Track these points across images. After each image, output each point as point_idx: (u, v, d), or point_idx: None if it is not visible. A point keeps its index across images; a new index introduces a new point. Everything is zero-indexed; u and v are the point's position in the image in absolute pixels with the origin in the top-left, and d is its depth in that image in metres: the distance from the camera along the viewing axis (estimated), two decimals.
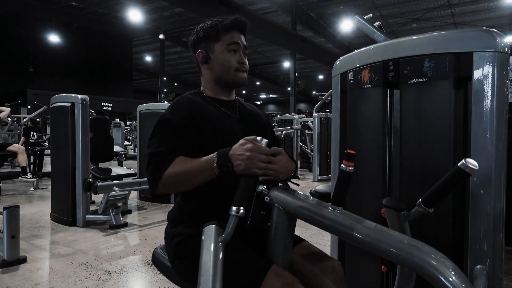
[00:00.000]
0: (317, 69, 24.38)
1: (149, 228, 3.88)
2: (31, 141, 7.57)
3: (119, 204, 4.02)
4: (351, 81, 1.72)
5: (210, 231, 1.06)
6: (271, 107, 38.11)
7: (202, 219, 1.20)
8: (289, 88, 17.46)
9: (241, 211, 1.01)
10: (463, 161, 0.93)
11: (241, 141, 1.08)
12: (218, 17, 1.34)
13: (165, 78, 20.73)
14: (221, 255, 1.03)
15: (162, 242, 1.36)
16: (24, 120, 10.25)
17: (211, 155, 1.11)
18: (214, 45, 1.31)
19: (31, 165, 6.79)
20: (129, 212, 4.55)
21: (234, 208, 1.02)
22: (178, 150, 1.18)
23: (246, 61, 1.35)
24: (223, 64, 1.31)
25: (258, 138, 1.08)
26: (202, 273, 1.00)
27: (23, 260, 2.83)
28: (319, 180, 7.28)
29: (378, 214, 1.41)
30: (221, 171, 1.08)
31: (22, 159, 5.82)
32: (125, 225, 3.90)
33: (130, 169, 4.81)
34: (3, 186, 5.82)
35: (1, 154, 5.58)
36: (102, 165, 4.92)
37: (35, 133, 9.53)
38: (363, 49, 1.68)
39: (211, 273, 0.99)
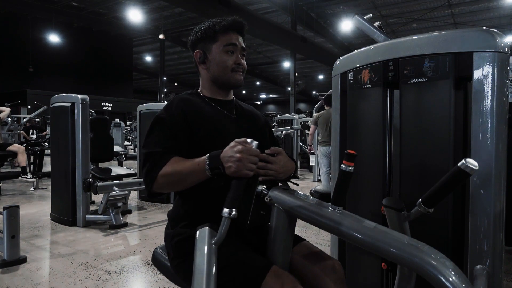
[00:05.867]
0: (317, 69, 24.38)
1: (149, 228, 3.88)
2: (31, 141, 7.57)
3: (119, 204, 4.02)
4: (351, 81, 1.72)
5: (203, 233, 1.07)
6: (271, 107, 38.09)
7: (201, 219, 1.20)
8: (289, 88, 17.45)
9: (233, 212, 1.01)
10: (463, 161, 0.93)
11: (232, 143, 1.07)
12: (217, 18, 1.34)
13: (165, 78, 20.73)
14: (214, 257, 1.04)
15: (162, 242, 1.36)
16: (24, 120, 10.25)
17: (203, 157, 1.11)
18: (211, 46, 1.32)
19: (31, 165, 6.79)
20: (129, 212, 4.55)
21: (226, 210, 1.01)
22: (173, 150, 1.19)
23: (244, 62, 1.35)
24: (219, 64, 1.31)
25: (249, 140, 1.07)
26: (195, 275, 1.01)
27: (23, 260, 2.83)
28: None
29: (378, 214, 1.41)
30: (212, 173, 1.09)
31: (22, 159, 5.82)
32: (125, 225, 3.90)
33: (130, 169, 4.81)
34: (3, 186, 5.82)
35: (1, 154, 5.58)
36: (102, 165, 4.92)
37: (35, 130, 9.54)
38: (363, 49, 1.68)
39: (205, 276, 1.00)
